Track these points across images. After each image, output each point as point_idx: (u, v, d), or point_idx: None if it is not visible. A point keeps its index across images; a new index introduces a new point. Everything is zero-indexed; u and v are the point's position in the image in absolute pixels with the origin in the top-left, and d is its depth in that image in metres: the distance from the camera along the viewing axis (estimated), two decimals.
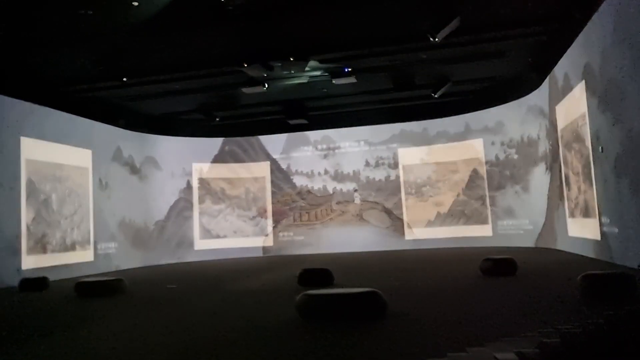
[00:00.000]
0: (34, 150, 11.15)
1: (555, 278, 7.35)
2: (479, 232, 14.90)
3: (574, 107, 9.72)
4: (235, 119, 15.98)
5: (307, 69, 11.39)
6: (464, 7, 8.85)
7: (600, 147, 8.58)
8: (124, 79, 10.94)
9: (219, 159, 16.64)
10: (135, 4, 8.12)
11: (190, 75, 11.71)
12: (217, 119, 15.11)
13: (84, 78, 11.60)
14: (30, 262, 10.66)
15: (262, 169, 16.97)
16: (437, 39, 9.15)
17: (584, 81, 8.97)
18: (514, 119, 14.24)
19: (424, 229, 15.69)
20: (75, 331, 5.23)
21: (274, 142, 16.96)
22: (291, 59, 10.59)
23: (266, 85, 12.18)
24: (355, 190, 16.76)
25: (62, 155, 12.08)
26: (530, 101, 13.43)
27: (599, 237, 8.69)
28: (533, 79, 12.30)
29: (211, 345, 4.31)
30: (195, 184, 16.38)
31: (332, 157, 16.81)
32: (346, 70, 11.86)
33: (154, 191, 15.43)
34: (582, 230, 9.90)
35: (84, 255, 12.48)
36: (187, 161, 16.19)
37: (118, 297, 7.71)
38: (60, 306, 7.32)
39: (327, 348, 3.93)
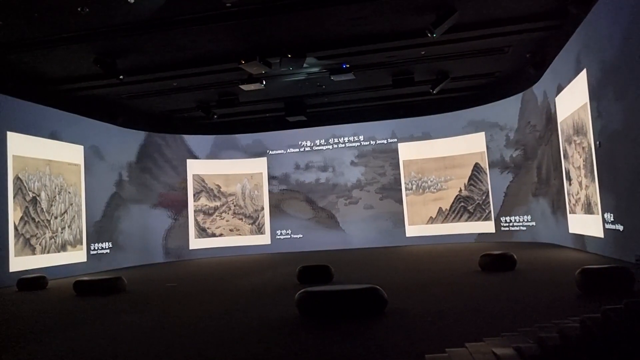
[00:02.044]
0: (22, 146, 10.89)
1: (553, 273, 7.37)
2: (482, 229, 14.92)
3: (575, 98, 9.68)
4: (233, 116, 15.95)
5: (305, 65, 11.37)
6: (462, 4, 8.83)
7: (597, 142, 8.58)
8: (121, 77, 10.89)
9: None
10: (131, 1, 8.07)
11: (187, 73, 11.67)
12: (215, 116, 15.07)
13: (79, 75, 11.55)
14: (18, 264, 10.47)
15: (258, 165, 16.91)
16: (434, 35, 9.14)
17: (585, 70, 8.95)
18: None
19: (425, 226, 15.68)
20: (78, 330, 5.24)
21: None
22: (289, 56, 10.56)
23: (264, 82, 12.15)
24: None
25: (52, 151, 11.80)
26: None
27: (601, 234, 8.68)
28: (532, 74, 12.31)
29: (212, 341, 4.32)
30: (190, 181, 16.30)
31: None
32: (344, 66, 11.84)
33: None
34: (584, 226, 9.90)
35: (76, 256, 12.28)
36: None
37: (117, 296, 7.72)
38: (60, 305, 7.31)
39: (327, 344, 3.94)
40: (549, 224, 12.75)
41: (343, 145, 16.56)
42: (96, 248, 13.03)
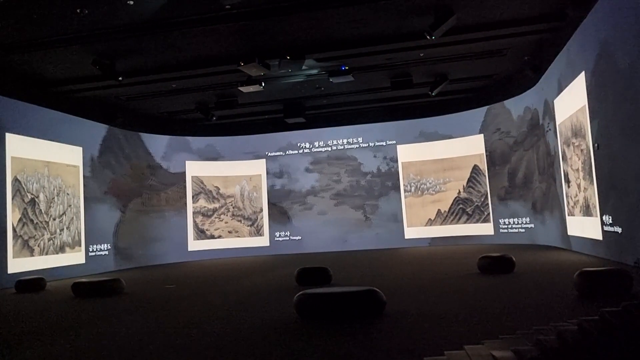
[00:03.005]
0: (20, 148, 10.86)
1: (551, 275, 7.37)
2: (481, 231, 14.93)
3: (573, 100, 9.70)
4: (232, 118, 15.96)
5: (304, 67, 11.38)
6: (460, 6, 8.85)
7: (596, 144, 8.60)
8: (120, 79, 10.89)
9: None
10: (131, 2, 8.08)
11: (186, 74, 11.67)
12: (214, 118, 15.07)
13: (79, 77, 11.55)
14: (17, 265, 10.43)
15: (257, 167, 16.90)
16: (433, 37, 9.15)
17: (583, 72, 8.97)
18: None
19: (424, 228, 15.69)
20: (77, 332, 5.23)
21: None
22: (288, 58, 10.57)
23: (263, 84, 12.15)
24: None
25: (51, 152, 11.76)
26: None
27: (600, 237, 8.68)
28: (530, 76, 12.35)
29: (211, 343, 4.31)
30: (189, 182, 16.28)
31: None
32: (343, 68, 11.86)
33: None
34: (582, 229, 9.91)
35: (74, 258, 12.23)
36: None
37: (116, 298, 7.71)
38: (59, 307, 7.29)
39: (326, 347, 3.94)
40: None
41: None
42: (94, 250, 12.99)
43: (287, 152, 16.75)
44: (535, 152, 13.35)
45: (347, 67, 11.82)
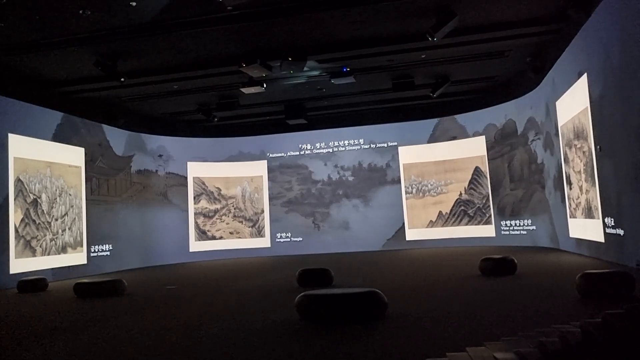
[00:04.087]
0: (23, 148, 10.88)
1: (553, 277, 7.36)
2: (482, 233, 14.90)
3: (575, 102, 9.69)
4: (234, 119, 15.97)
5: (305, 68, 11.39)
6: (462, 7, 8.85)
7: (598, 146, 8.58)
8: (122, 80, 10.91)
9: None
10: (133, 4, 8.10)
11: (188, 75, 11.69)
12: (216, 119, 15.08)
13: (81, 78, 11.58)
14: (19, 265, 10.45)
15: (259, 168, 16.91)
16: (435, 39, 9.15)
17: (585, 75, 8.95)
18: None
19: (425, 229, 15.67)
20: (78, 332, 5.23)
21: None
22: (290, 59, 10.58)
23: (265, 85, 12.16)
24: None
25: (53, 153, 11.79)
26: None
27: (602, 239, 8.66)
28: (532, 78, 12.34)
29: (212, 344, 4.31)
30: (191, 183, 16.28)
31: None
32: (345, 70, 11.86)
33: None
34: (584, 231, 9.89)
35: (76, 258, 12.24)
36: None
37: (118, 298, 7.71)
38: (61, 307, 7.30)
39: (327, 348, 3.94)
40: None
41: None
42: (96, 250, 13.01)
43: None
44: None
45: (348, 69, 11.83)
